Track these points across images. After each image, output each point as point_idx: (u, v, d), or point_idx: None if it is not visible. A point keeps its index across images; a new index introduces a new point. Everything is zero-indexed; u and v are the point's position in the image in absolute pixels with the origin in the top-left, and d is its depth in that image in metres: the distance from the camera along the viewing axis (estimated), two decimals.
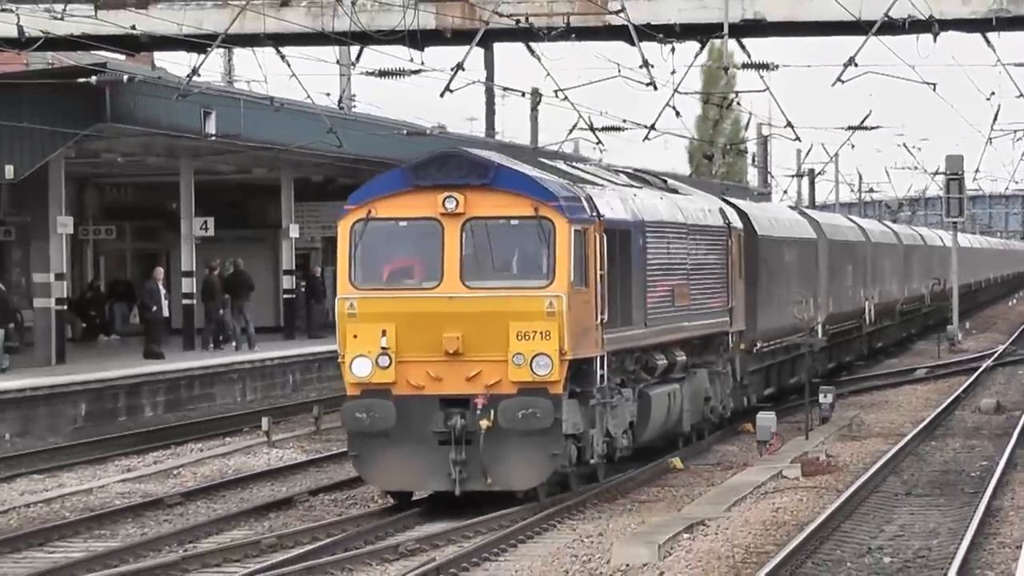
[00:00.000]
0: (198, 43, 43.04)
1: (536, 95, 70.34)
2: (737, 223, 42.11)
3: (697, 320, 36.56)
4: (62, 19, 41.46)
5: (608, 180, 33.76)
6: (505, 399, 25.76)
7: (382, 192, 27.22)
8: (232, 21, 41.87)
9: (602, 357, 28.22)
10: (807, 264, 52.73)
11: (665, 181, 40.82)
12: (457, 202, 26.24)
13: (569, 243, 26.55)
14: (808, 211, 64.55)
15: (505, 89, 67.80)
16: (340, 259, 27.38)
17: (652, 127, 49.92)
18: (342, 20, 42.68)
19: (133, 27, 42.85)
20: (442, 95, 45.71)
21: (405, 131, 53.88)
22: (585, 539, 28.70)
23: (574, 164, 35.47)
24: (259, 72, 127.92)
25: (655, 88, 45.05)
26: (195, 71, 45.22)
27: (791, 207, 61.06)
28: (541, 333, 25.84)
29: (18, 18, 40.32)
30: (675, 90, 46.29)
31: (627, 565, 25.94)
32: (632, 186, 35.22)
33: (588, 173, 33.33)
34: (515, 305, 26.06)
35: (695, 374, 36.97)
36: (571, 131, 59.63)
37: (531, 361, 25.74)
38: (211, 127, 48.93)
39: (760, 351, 44.83)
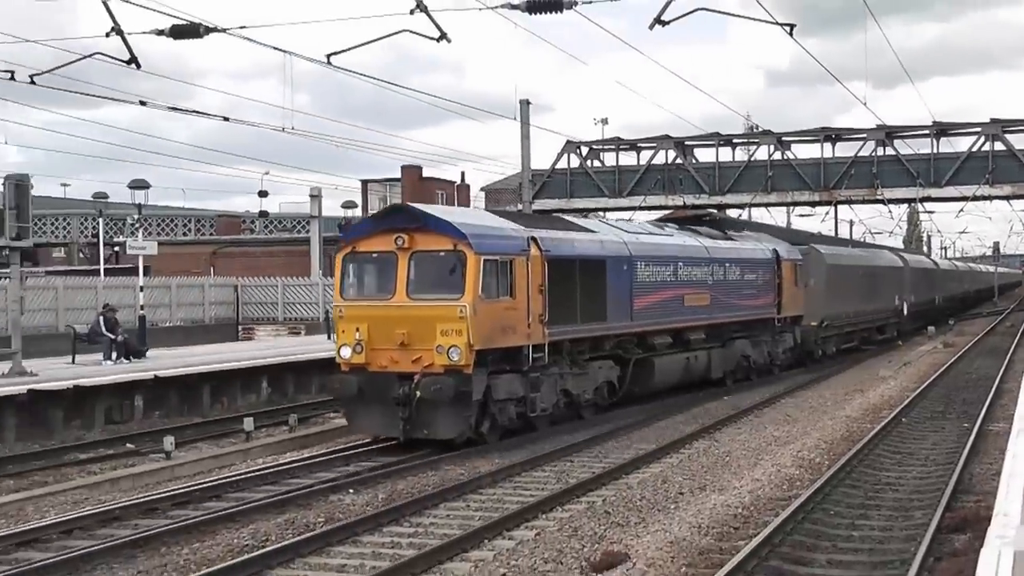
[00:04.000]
0: (627, 209, 37.90)
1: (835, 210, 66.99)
2: (793, 256, 27.57)
3: (723, 313, 23.65)
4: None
5: (619, 230, 21.42)
6: (427, 376, 16.12)
7: (360, 234, 17.27)
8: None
9: (541, 344, 17.26)
10: (893, 279, 39.10)
11: (725, 232, 26.34)
12: (404, 240, 16.52)
13: (478, 269, 16.20)
14: (901, 251, 49.59)
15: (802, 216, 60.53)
16: (335, 279, 17.50)
17: (891, 232, 49.89)
18: (702, 201, 37.29)
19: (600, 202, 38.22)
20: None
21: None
22: (868, 370, 28.24)
23: (608, 222, 23.02)
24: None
25: (892, 216, 46.14)
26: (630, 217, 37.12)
27: (896, 252, 47.08)
28: (455, 331, 16.02)
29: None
30: (897, 221, 47.10)
31: (883, 376, 25.84)
32: (644, 232, 22.48)
33: (595, 226, 21.08)
34: (440, 312, 16.17)
35: (733, 342, 24.50)
36: (850, 228, 60.67)
37: (448, 350, 15.98)
38: None
39: (830, 326, 30.69)
